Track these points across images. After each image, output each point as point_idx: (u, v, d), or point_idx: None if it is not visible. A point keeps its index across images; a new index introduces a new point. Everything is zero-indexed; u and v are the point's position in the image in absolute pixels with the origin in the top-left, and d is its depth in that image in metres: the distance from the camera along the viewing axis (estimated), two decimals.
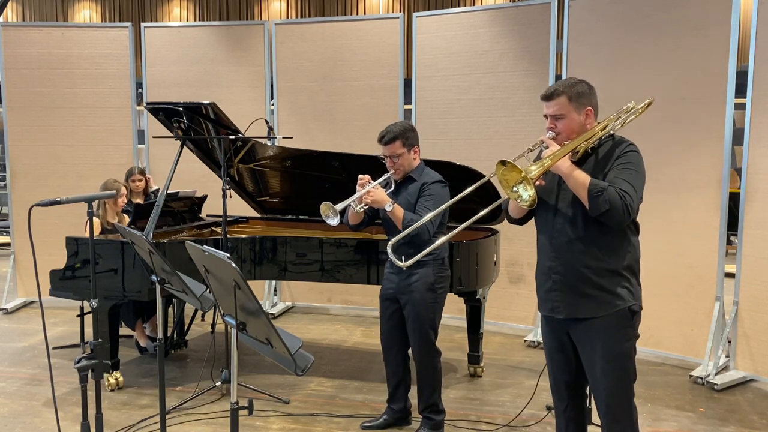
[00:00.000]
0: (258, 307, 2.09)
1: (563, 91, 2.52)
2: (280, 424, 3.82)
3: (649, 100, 2.67)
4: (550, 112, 2.55)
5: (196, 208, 5.07)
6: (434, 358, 3.58)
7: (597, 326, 2.51)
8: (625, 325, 2.52)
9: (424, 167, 3.60)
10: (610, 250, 2.49)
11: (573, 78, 2.60)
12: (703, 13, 4.50)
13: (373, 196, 3.43)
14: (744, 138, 4.45)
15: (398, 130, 3.49)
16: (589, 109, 2.54)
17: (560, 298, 2.57)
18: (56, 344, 5.16)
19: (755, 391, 4.35)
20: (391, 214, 3.41)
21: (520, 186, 2.38)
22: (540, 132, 5.78)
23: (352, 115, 6.05)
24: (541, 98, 2.59)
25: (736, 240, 4.59)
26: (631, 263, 2.53)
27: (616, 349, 2.51)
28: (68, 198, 2.82)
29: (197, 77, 6.32)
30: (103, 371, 2.77)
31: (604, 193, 2.35)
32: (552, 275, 2.59)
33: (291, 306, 6.48)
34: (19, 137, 6.35)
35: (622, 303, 2.50)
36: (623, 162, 2.46)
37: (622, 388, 2.53)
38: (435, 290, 3.50)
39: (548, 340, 2.72)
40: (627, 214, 2.37)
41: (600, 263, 2.49)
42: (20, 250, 6.41)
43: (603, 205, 2.34)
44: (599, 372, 2.52)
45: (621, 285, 2.50)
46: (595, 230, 2.48)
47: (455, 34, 5.68)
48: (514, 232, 5.40)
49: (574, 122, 2.52)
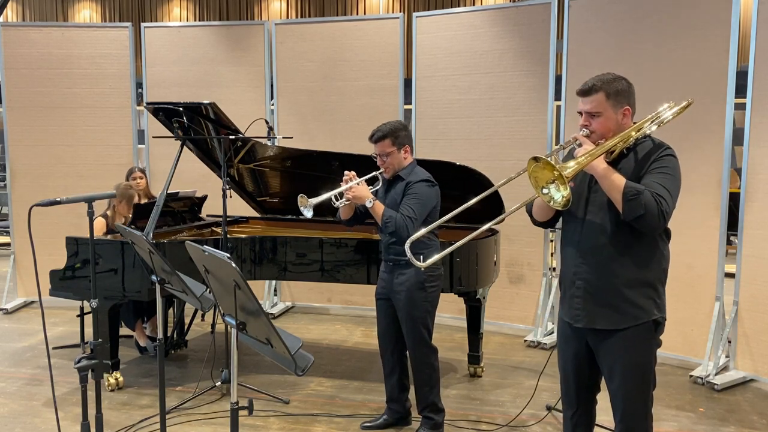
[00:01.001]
0: (258, 307, 2.09)
1: (601, 87, 2.39)
2: (280, 424, 3.82)
3: (689, 101, 2.55)
4: (586, 108, 2.41)
5: (196, 208, 5.08)
6: (429, 356, 3.58)
7: (618, 337, 2.42)
8: (648, 338, 2.43)
9: (415, 166, 3.61)
10: (639, 258, 2.39)
11: (612, 73, 2.44)
12: (703, 13, 4.51)
13: (355, 192, 3.45)
14: (744, 138, 4.45)
15: (388, 129, 3.51)
16: (627, 109, 2.42)
17: (582, 306, 2.47)
18: (56, 344, 5.16)
19: (755, 391, 4.35)
20: (372, 210, 3.44)
21: (552, 186, 2.22)
22: (540, 132, 5.82)
23: (352, 115, 6.04)
24: (577, 93, 2.45)
25: (736, 240, 4.59)
26: (661, 275, 2.44)
27: (637, 361, 2.43)
28: (68, 198, 2.83)
29: (197, 77, 6.32)
30: (103, 371, 2.76)
31: (640, 196, 2.23)
32: (576, 281, 2.47)
33: (291, 306, 6.48)
34: (19, 137, 6.35)
35: (647, 316, 2.41)
36: (660, 166, 2.34)
37: (640, 397, 2.45)
38: (425, 289, 3.50)
39: (564, 346, 2.62)
40: (662, 220, 2.26)
41: (628, 272, 2.38)
42: (20, 250, 6.41)
43: (638, 209, 2.23)
44: (618, 382, 2.45)
45: (648, 296, 2.41)
46: (625, 237, 2.37)
47: (455, 34, 5.68)
48: (515, 232, 5.43)
49: (610, 121, 2.39)
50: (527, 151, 5.29)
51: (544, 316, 5.40)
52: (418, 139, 5.84)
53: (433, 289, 3.56)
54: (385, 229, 3.42)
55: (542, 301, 5.44)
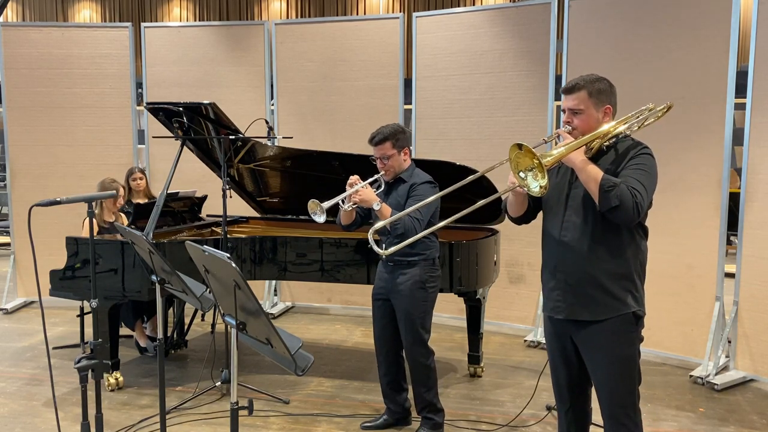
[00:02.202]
0: (258, 307, 2.09)
1: (584, 85, 2.49)
2: (280, 424, 3.82)
3: (668, 104, 2.64)
4: (569, 105, 2.52)
5: (196, 208, 5.08)
6: (426, 357, 3.58)
7: (600, 330, 2.48)
8: (630, 330, 2.49)
9: (415, 168, 3.62)
10: (618, 252, 2.47)
11: (595, 74, 2.55)
12: (703, 13, 4.50)
13: (362, 196, 3.45)
14: (744, 138, 4.45)
15: (388, 131, 3.51)
16: (608, 107, 2.52)
17: (562, 298, 2.55)
18: (56, 344, 5.16)
19: (755, 391, 4.35)
20: (379, 213, 3.43)
21: (530, 173, 2.30)
22: (540, 132, 5.81)
23: (352, 115, 6.05)
24: (561, 91, 2.57)
25: (736, 240, 4.59)
26: (638, 268, 2.51)
27: (620, 353, 2.49)
28: (68, 198, 2.82)
29: (197, 77, 6.32)
30: (103, 371, 2.76)
31: (615, 188, 2.32)
32: (557, 274, 2.57)
33: (291, 306, 6.48)
34: (19, 137, 6.35)
35: (626, 308, 2.47)
36: (637, 163, 2.44)
37: (626, 391, 2.50)
38: (425, 289, 3.51)
39: (550, 341, 2.70)
40: (636, 213, 2.34)
41: (606, 264, 2.46)
42: (20, 250, 6.41)
43: (613, 200, 2.32)
44: (603, 375, 2.51)
45: (626, 289, 2.47)
46: (604, 230, 2.46)
47: (455, 34, 5.68)
48: (515, 232, 5.40)
49: (591, 118, 2.49)
50: None
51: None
52: (418, 139, 5.84)
53: (433, 289, 3.57)
54: (393, 231, 3.40)
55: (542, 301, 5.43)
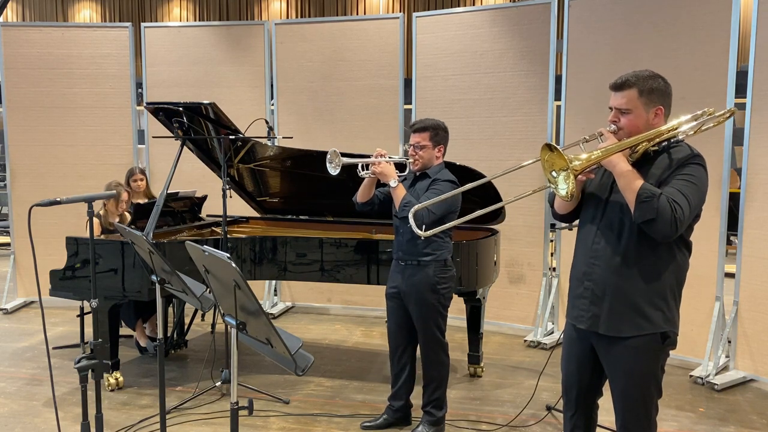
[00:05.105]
0: (258, 307, 2.09)
1: (635, 83, 2.29)
2: (280, 424, 3.82)
3: (732, 110, 2.47)
4: (616, 104, 2.32)
5: (196, 208, 5.07)
6: (441, 353, 3.58)
7: (622, 346, 2.34)
8: (655, 348, 2.33)
9: (443, 167, 3.61)
10: (652, 268, 2.28)
11: (649, 70, 2.33)
12: (703, 14, 4.51)
13: (382, 168, 3.46)
14: (744, 138, 4.45)
15: (431, 123, 3.55)
16: (660, 108, 2.31)
17: (586, 308, 2.39)
18: (56, 344, 5.16)
19: (755, 391, 4.35)
20: (393, 191, 3.44)
21: (562, 174, 2.16)
22: (540, 131, 5.81)
23: (352, 115, 6.05)
24: (610, 87, 2.36)
25: (736, 240, 4.59)
26: (673, 285, 2.32)
27: (642, 370, 2.34)
28: (68, 198, 2.82)
29: (197, 77, 6.32)
30: (103, 371, 2.76)
31: (653, 200, 2.12)
32: (585, 281, 2.40)
33: (291, 306, 6.48)
34: (19, 137, 6.35)
35: (653, 328, 2.30)
36: (684, 173, 2.22)
37: (642, 406, 2.37)
38: (438, 291, 3.49)
39: (568, 345, 2.55)
40: (674, 229, 2.14)
41: (638, 281, 2.28)
42: (20, 250, 6.41)
43: (650, 212, 2.13)
44: (620, 389, 2.39)
45: (657, 308, 2.29)
46: (641, 241, 2.27)
47: (455, 34, 5.68)
48: (515, 232, 5.43)
49: (640, 119, 2.29)
50: (527, 151, 5.34)
51: (544, 316, 5.40)
52: None
53: (446, 290, 3.54)
54: (401, 213, 3.39)
55: (542, 301, 5.44)
